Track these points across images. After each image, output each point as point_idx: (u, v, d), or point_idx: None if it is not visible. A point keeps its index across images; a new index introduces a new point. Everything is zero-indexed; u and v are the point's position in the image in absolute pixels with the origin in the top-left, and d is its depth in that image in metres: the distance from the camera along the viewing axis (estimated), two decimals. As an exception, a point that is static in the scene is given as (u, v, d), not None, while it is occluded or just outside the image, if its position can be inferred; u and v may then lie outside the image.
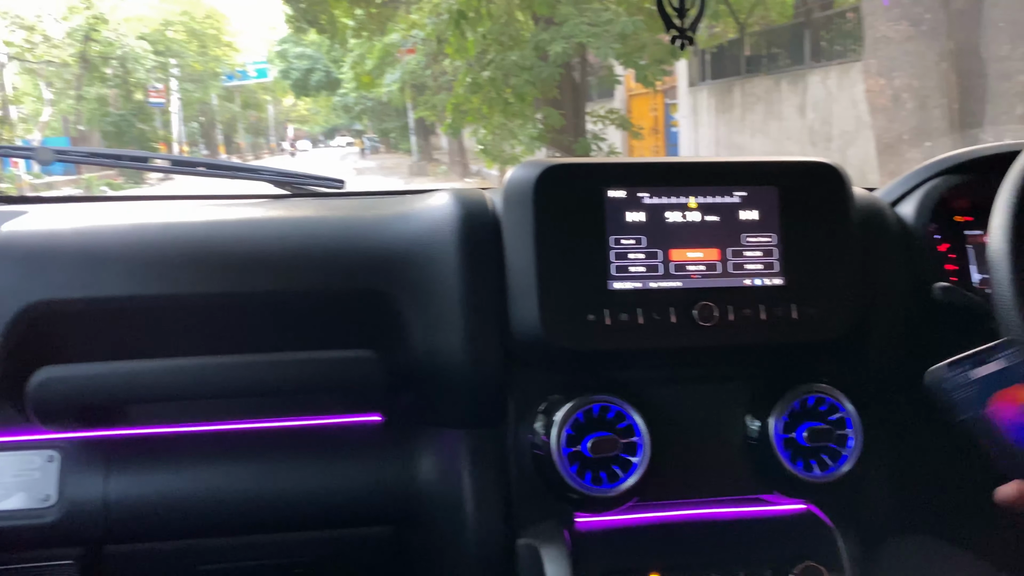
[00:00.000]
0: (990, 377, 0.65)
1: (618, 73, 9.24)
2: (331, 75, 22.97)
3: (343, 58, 15.36)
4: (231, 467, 1.03)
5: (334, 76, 21.58)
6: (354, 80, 14.76)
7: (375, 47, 11.43)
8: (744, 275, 0.96)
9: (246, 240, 1.01)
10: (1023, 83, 4.33)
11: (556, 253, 0.93)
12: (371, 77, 12.28)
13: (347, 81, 16.32)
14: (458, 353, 0.96)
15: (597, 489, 0.92)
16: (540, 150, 8.23)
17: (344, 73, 15.36)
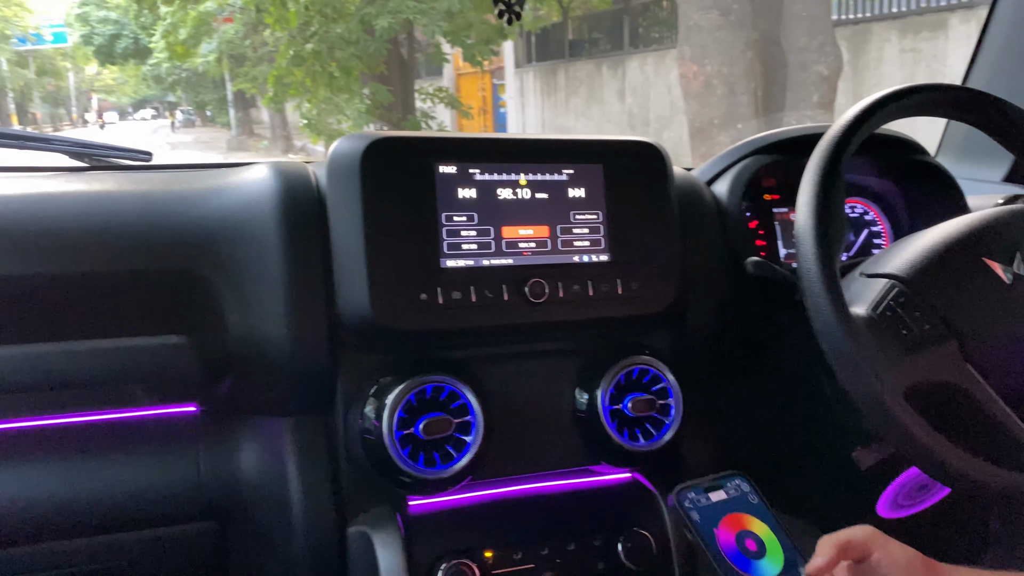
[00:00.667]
0: (720, 504, 0.72)
1: (446, 51, 9.21)
2: (140, 42, 21.34)
3: (154, 25, 14.34)
4: (28, 469, 0.92)
5: (144, 44, 20.07)
6: (166, 49, 13.83)
7: (189, 15, 10.73)
8: (573, 252, 0.97)
9: (38, 216, 0.90)
10: (818, 73, 4.70)
11: (385, 230, 0.90)
12: (185, 47, 11.53)
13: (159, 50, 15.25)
14: (281, 337, 0.91)
15: (431, 471, 0.90)
16: (368, 126, 8.07)
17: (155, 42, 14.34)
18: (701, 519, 0.71)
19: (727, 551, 0.69)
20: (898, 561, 0.67)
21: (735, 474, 0.76)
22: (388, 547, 0.90)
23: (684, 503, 0.72)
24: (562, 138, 1.01)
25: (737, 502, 0.73)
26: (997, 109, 0.94)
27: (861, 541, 0.68)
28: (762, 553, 0.70)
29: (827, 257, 0.82)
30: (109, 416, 0.97)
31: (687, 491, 0.73)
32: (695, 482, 0.74)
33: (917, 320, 0.83)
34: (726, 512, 0.72)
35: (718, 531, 0.71)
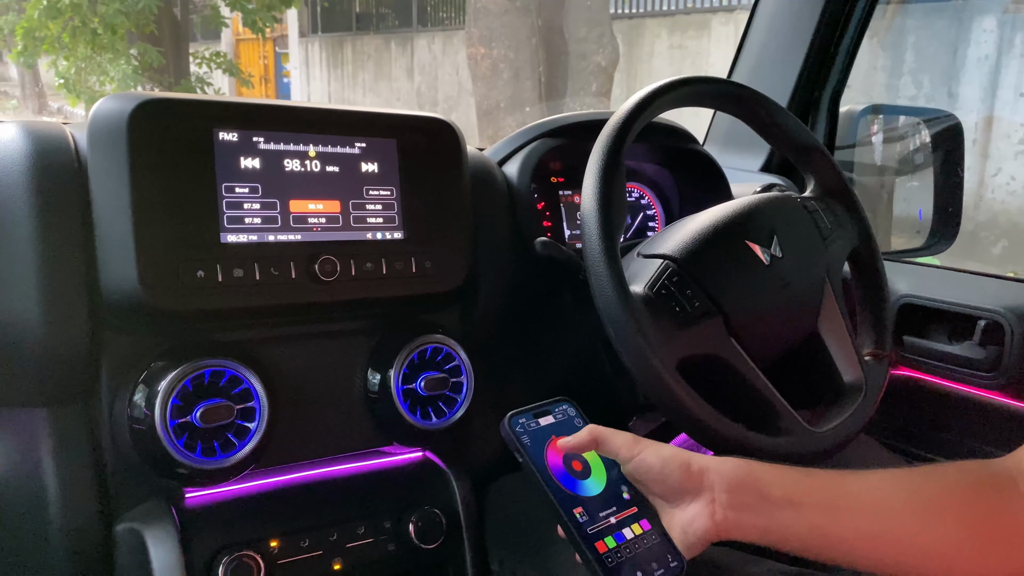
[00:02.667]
0: (548, 427, 0.75)
1: (225, 15, 8.68)
2: None
3: None
4: None
5: None
6: None
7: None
8: (366, 228, 0.95)
9: None
10: (597, 63, 4.93)
11: (156, 201, 0.82)
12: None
13: None
14: (32, 319, 0.81)
15: (210, 461, 0.84)
16: (136, 89, 7.45)
17: None
18: (531, 442, 0.73)
19: (555, 472, 0.72)
20: (652, 465, 0.70)
21: (562, 400, 0.78)
22: (161, 543, 0.84)
23: (515, 428, 0.73)
24: (355, 109, 0.98)
25: (564, 425, 0.76)
26: (757, 102, 1.02)
27: (617, 445, 0.72)
28: (587, 473, 0.73)
29: (609, 239, 0.86)
30: None
31: (518, 416, 0.75)
32: (525, 408, 0.76)
33: (688, 297, 0.89)
34: (553, 435, 0.74)
35: (547, 453, 0.72)
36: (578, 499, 0.71)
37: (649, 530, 0.71)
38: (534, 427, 0.74)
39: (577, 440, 0.72)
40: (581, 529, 0.69)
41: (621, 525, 0.71)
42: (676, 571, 0.69)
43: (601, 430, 0.73)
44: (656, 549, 0.70)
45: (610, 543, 0.69)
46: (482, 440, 1.12)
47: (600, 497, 0.72)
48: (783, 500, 0.68)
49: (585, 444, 0.72)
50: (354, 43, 10.78)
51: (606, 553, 0.68)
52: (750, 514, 0.68)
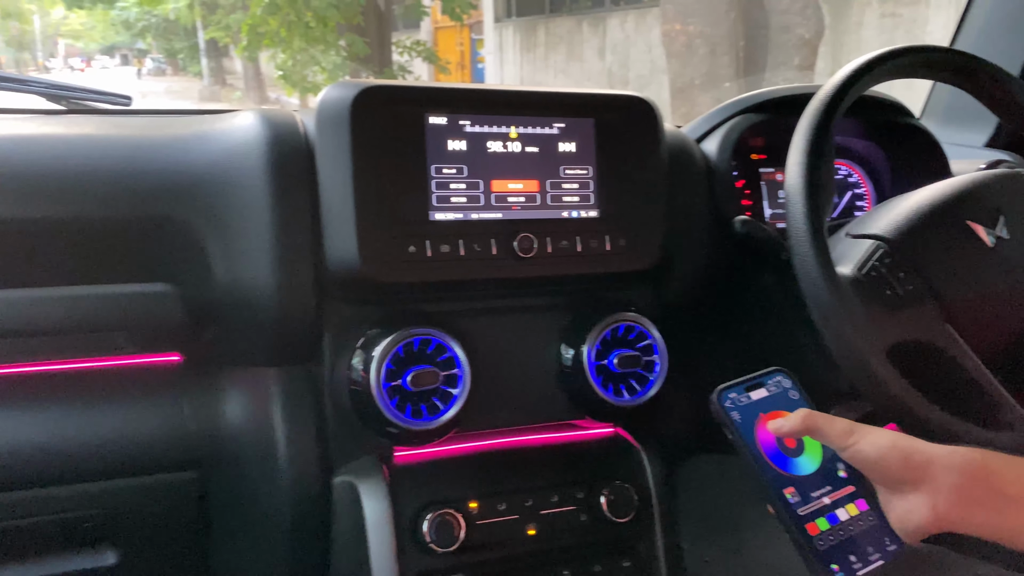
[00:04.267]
0: (760, 401, 0.72)
1: (425, 4, 9.05)
2: (108, -14, 20.74)
3: (122, -33, 13.95)
4: (12, 415, 0.91)
5: (112, -13, 19.51)
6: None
7: (158, -43, 10.43)
8: (562, 207, 0.97)
9: (13, 160, 0.88)
10: (800, 36, 4.69)
11: (374, 181, 0.89)
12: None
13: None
14: (267, 287, 0.90)
15: (417, 422, 0.91)
16: (344, 78, 7.94)
17: (123, -15, 13.94)
18: (741, 419, 0.70)
19: (766, 449, 0.69)
20: (868, 456, 0.67)
21: (777, 370, 0.75)
22: (374, 497, 0.91)
23: (724, 403, 0.71)
24: (554, 91, 1.00)
25: (778, 399, 0.72)
26: (987, 73, 0.94)
27: (831, 433, 0.68)
28: (800, 450, 0.70)
29: (816, 217, 0.82)
30: (92, 364, 0.96)
31: (728, 391, 0.72)
32: (736, 382, 0.73)
33: (900, 280, 0.85)
34: (767, 409, 0.71)
35: (758, 430, 0.70)
36: (790, 479, 0.68)
37: (866, 511, 0.68)
38: (744, 402, 0.72)
39: (789, 426, 0.69)
40: (792, 510, 0.67)
41: (835, 506, 0.68)
42: (893, 556, 0.66)
43: (815, 416, 0.69)
44: (872, 532, 0.67)
45: (822, 525, 0.66)
46: (674, 419, 1.12)
47: (814, 476, 0.69)
48: (1022, 497, 0.63)
49: (797, 430, 0.69)
50: (547, 25, 10.89)
51: (818, 536, 0.66)
52: (981, 510, 0.63)
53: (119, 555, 1.01)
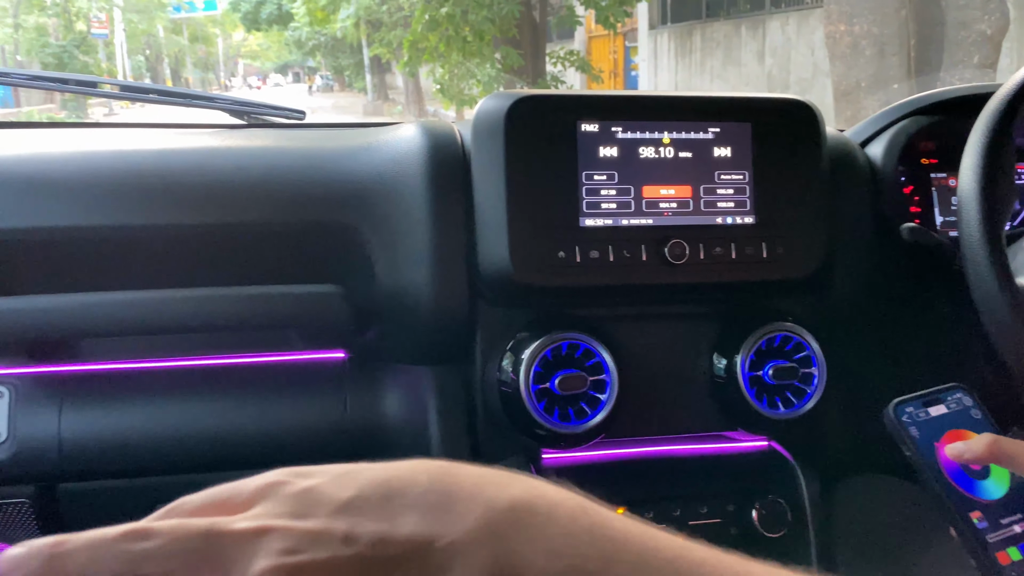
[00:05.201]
0: (939, 418, 0.67)
1: (579, 14, 9.10)
2: (283, 8, 22.22)
3: (295, -9, 14.89)
4: (189, 404, 1.00)
5: (286, 9, 20.88)
6: (307, 15, 14.33)
7: (328, -20, 11.07)
8: (716, 213, 0.96)
9: (201, 170, 0.97)
10: (981, 32, 4.37)
11: (526, 188, 0.91)
12: (324, 12, 11.92)
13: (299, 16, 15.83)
14: (424, 289, 0.95)
15: (565, 426, 0.92)
16: (499, 90, 8.12)
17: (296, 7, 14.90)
18: (920, 435, 0.66)
19: (948, 469, 0.64)
20: None
21: (956, 387, 0.70)
22: None
23: (901, 418, 0.67)
24: (709, 95, 0.99)
25: (959, 417, 0.68)
26: None
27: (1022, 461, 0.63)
28: (986, 473, 0.65)
29: (992, 224, 0.77)
30: (266, 359, 1.04)
31: (904, 405, 0.68)
32: (912, 396, 0.69)
33: None
34: (947, 428, 0.66)
35: (939, 448, 0.65)
36: (976, 502, 0.63)
37: None
38: (923, 417, 0.67)
39: (973, 452, 0.64)
40: (980, 536, 0.62)
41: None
42: None
43: (1003, 442, 0.64)
44: None
45: (1014, 555, 0.61)
46: (831, 435, 1.07)
47: (1003, 501, 0.64)
48: None
49: (982, 456, 0.64)
50: (703, 30, 10.69)
51: (1010, 566, 0.61)
52: None
53: None
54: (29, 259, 0.92)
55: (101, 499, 1.01)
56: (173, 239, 0.94)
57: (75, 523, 1.02)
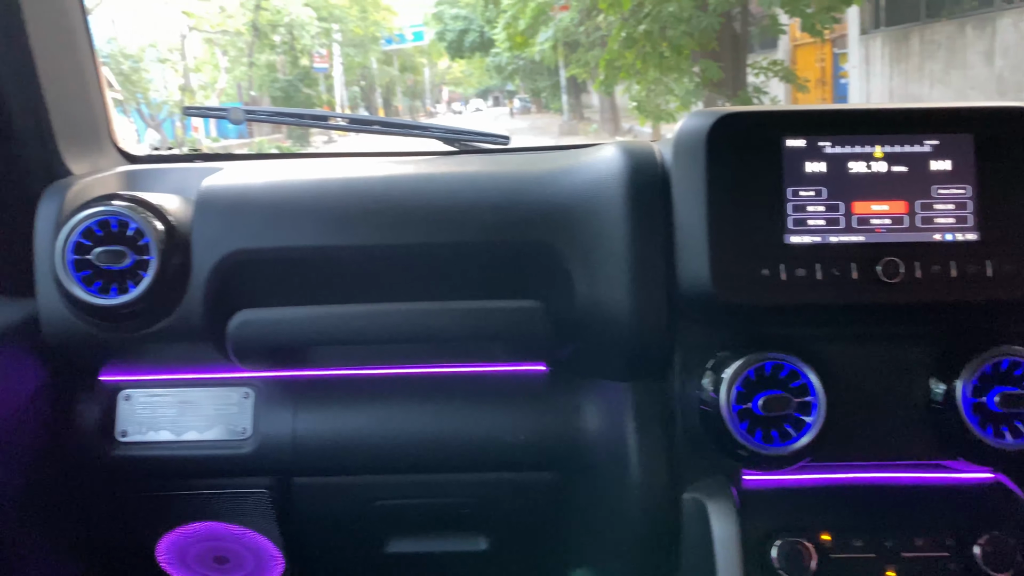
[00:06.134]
0: None
1: (783, 22, 8.77)
2: (485, 36, 23.16)
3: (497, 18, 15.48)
4: (405, 409, 1.08)
5: (488, 36, 21.75)
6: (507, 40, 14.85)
7: (528, 6, 11.41)
8: (934, 229, 0.91)
9: (419, 194, 1.04)
10: None
11: (729, 205, 0.91)
12: (524, 36, 12.29)
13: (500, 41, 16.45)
14: (623, 306, 0.97)
15: (768, 447, 0.90)
16: (697, 104, 7.99)
17: (497, 34, 15.48)
18: None
19: None
20: None
21: None
22: (723, 517, 0.92)
23: None
24: (924, 107, 0.94)
25: None
26: None
27: None
28: None
29: None
30: (472, 369, 1.10)
31: None
32: None
33: None
34: None
35: None
36: None
37: None
38: None
39: None
40: None
41: None
42: None
43: None
44: None
45: None
46: None
47: None
48: None
49: None
50: (922, 33, 9.96)
51: None
52: None
53: (489, 542, 1.14)
54: (274, 275, 1.04)
55: (330, 493, 1.11)
56: (394, 257, 1.02)
57: (307, 513, 1.14)
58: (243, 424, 1.09)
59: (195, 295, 1.02)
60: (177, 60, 19.55)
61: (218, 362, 1.08)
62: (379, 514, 1.13)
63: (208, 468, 1.10)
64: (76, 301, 1.00)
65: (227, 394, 1.11)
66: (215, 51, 21.86)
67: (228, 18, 21.05)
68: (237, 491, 1.11)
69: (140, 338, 1.04)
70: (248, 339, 1.03)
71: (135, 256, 0.99)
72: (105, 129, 1.27)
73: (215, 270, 1.01)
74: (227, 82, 21.93)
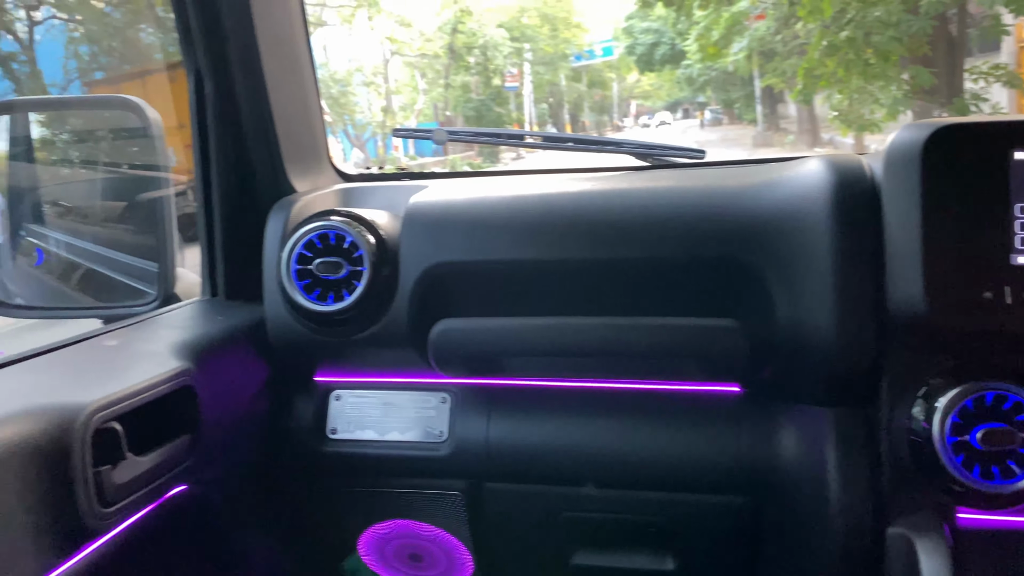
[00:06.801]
0: None
1: (1007, 23, 8.03)
2: (676, 48, 22.92)
3: (688, 30, 15.28)
4: (595, 422, 1.09)
5: (679, 49, 21.51)
6: (699, 52, 14.61)
7: (722, 17, 11.16)
8: None
9: (613, 210, 1.05)
10: None
11: (946, 223, 0.85)
12: (717, 47, 12.03)
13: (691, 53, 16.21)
14: (827, 329, 0.92)
15: (988, 485, 0.83)
16: (905, 113, 7.48)
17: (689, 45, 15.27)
18: None
19: None
20: None
21: None
22: (934, 556, 0.86)
23: None
24: None
25: None
26: None
27: None
28: None
29: None
30: (663, 386, 1.09)
31: None
32: None
33: None
34: None
35: None
36: None
37: None
38: None
39: None
40: None
41: None
42: None
43: None
44: None
45: None
46: None
47: None
48: None
49: None
50: None
51: None
52: None
53: (676, 563, 1.12)
54: (471, 287, 1.09)
55: (518, 500, 1.14)
56: (588, 272, 1.04)
57: (497, 518, 1.17)
58: (440, 427, 1.14)
59: (401, 304, 1.08)
60: (380, 83, 20.85)
61: (419, 367, 1.14)
62: (566, 525, 1.14)
63: (407, 468, 1.16)
64: (297, 307, 1.09)
65: (426, 398, 1.17)
66: (415, 74, 23.09)
67: (427, 42, 22.19)
68: (433, 492, 1.17)
69: (351, 343, 1.12)
70: (448, 346, 1.08)
71: (349, 267, 1.07)
72: (323, 150, 1.39)
73: (420, 281, 1.07)
74: (424, 103, 23.10)
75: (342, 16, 18.69)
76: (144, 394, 0.88)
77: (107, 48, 12.75)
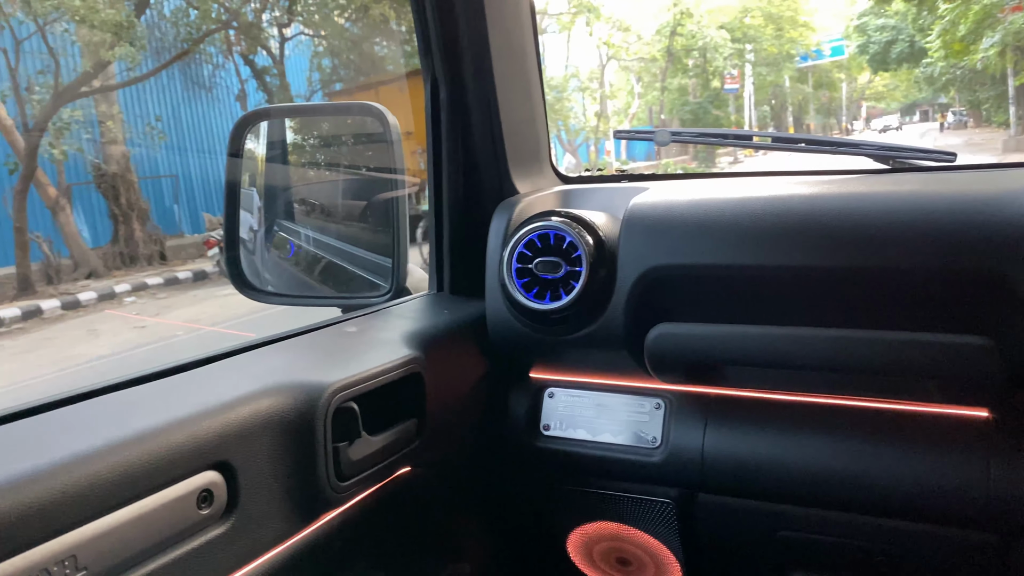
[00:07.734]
0: None
1: None
2: (915, 46, 21.22)
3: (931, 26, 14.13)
4: (821, 440, 1.03)
5: (918, 47, 19.90)
6: (942, 48, 13.46)
7: (971, 10, 10.21)
8: None
9: (849, 214, 0.99)
10: None
11: None
12: (964, 43, 11.02)
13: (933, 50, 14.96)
14: None
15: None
16: None
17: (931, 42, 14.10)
18: None
19: None
20: None
21: None
22: None
23: None
24: None
25: None
26: None
27: None
28: None
29: None
30: (899, 406, 1.01)
31: None
32: None
33: None
34: None
35: None
36: None
37: None
38: None
39: None
40: None
41: None
42: None
43: None
44: None
45: None
46: None
47: None
48: None
49: None
50: None
51: None
52: None
53: None
54: (692, 291, 1.06)
55: (733, 514, 1.10)
56: (817, 280, 0.98)
57: (709, 530, 1.14)
58: (653, 433, 1.13)
59: (618, 305, 1.08)
60: (595, 88, 21.03)
61: (632, 371, 1.13)
62: (782, 545, 1.09)
63: (618, 471, 1.16)
64: (517, 304, 1.12)
65: (640, 402, 1.16)
66: (630, 78, 23.06)
67: (645, 45, 22.08)
68: (643, 497, 1.16)
69: (566, 342, 1.14)
70: (665, 352, 1.06)
71: (567, 267, 1.09)
72: (545, 153, 1.42)
73: (637, 283, 1.06)
74: (638, 107, 23.02)
75: (561, 23, 19.04)
76: (379, 378, 0.94)
77: (346, 61, 13.84)
